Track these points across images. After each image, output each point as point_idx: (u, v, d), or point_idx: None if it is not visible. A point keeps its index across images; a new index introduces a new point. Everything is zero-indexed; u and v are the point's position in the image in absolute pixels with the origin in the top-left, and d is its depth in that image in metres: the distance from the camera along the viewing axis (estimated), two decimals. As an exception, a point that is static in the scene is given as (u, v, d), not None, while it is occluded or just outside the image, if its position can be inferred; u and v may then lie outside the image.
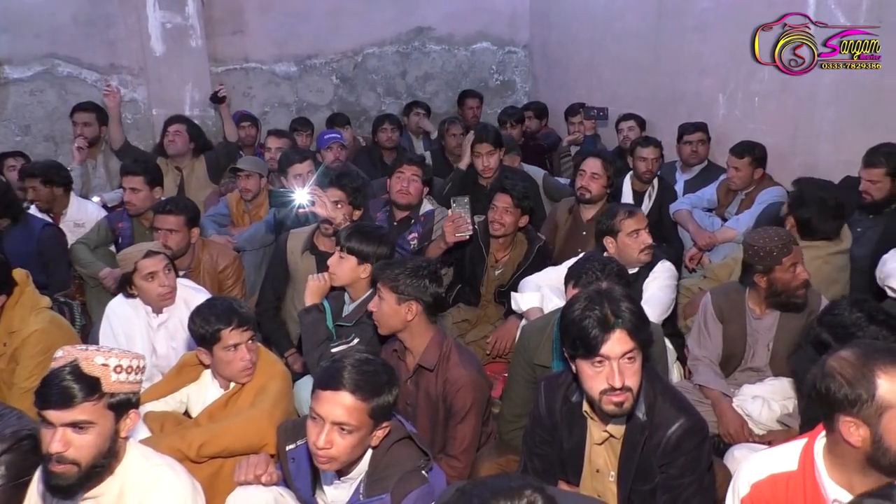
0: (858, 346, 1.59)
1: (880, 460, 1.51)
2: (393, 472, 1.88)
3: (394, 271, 2.50)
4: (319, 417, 1.83)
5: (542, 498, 1.19)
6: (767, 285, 2.80)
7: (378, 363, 1.92)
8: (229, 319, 2.40)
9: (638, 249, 3.14)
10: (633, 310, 1.87)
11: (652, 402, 1.96)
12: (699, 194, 4.50)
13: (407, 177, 3.80)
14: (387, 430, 1.91)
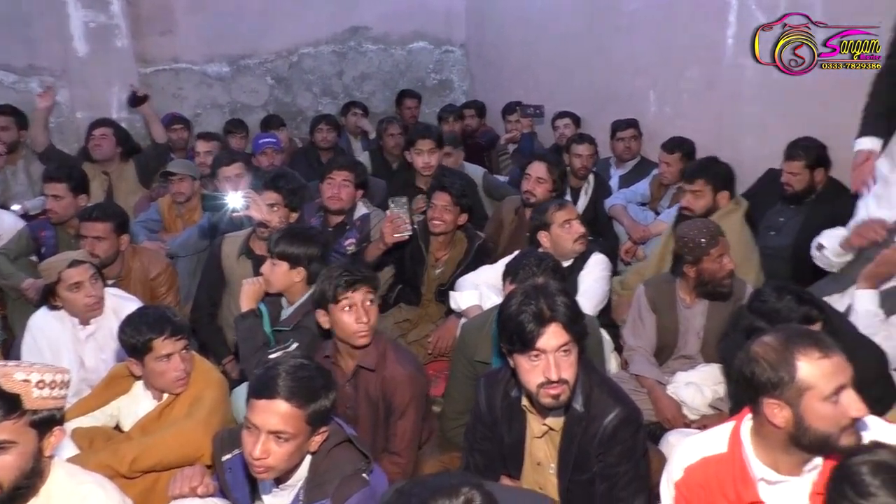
0: (780, 332, 1.66)
1: (801, 439, 1.57)
2: (333, 477, 1.85)
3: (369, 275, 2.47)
4: (255, 427, 1.79)
5: (479, 494, 1.20)
6: (696, 275, 2.89)
7: (313, 368, 1.89)
8: (161, 328, 2.32)
9: (571, 239, 3.20)
10: (567, 303, 1.90)
11: (588, 393, 1.99)
12: (633, 189, 4.61)
13: (337, 182, 3.72)
14: (325, 434, 1.88)
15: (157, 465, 2.26)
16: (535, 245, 3.29)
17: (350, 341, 2.40)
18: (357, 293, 2.37)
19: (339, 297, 2.36)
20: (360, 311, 2.36)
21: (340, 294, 2.36)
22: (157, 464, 2.26)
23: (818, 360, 1.55)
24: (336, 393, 1.90)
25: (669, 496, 1.81)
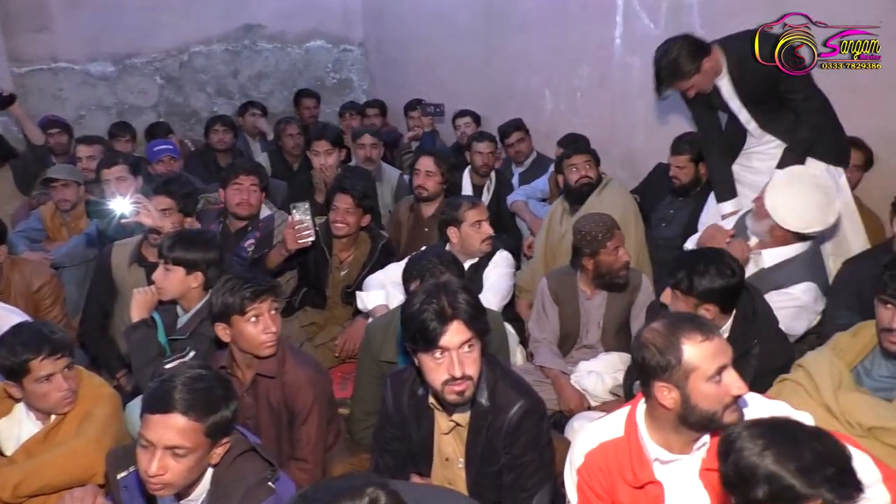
0: (667, 318, 1.75)
1: (689, 418, 1.66)
2: (237, 488, 1.79)
3: (276, 284, 2.39)
4: (150, 443, 1.71)
5: (384, 494, 1.19)
6: (594, 267, 3.00)
7: (212, 378, 1.81)
8: (38, 348, 2.16)
9: (480, 240, 3.24)
10: (468, 300, 1.92)
11: (493, 386, 2.02)
12: (533, 185, 4.72)
13: (246, 188, 3.60)
14: (227, 446, 1.82)
15: (44, 488, 2.13)
16: (444, 239, 3.31)
17: (255, 352, 2.33)
18: (264, 304, 2.31)
19: (245, 309, 2.29)
20: (268, 321, 2.30)
21: (248, 305, 2.29)
22: (43, 487, 2.13)
23: (701, 342, 1.64)
24: (236, 402, 1.84)
25: (572, 482, 1.86)
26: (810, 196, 2.78)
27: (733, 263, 2.39)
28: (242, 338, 2.32)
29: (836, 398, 2.07)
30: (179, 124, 6.53)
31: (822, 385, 2.10)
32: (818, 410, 2.04)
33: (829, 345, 2.28)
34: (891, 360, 2.16)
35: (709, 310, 2.35)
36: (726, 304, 2.39)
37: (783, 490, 1.30)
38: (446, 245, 3.32)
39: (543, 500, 2.01)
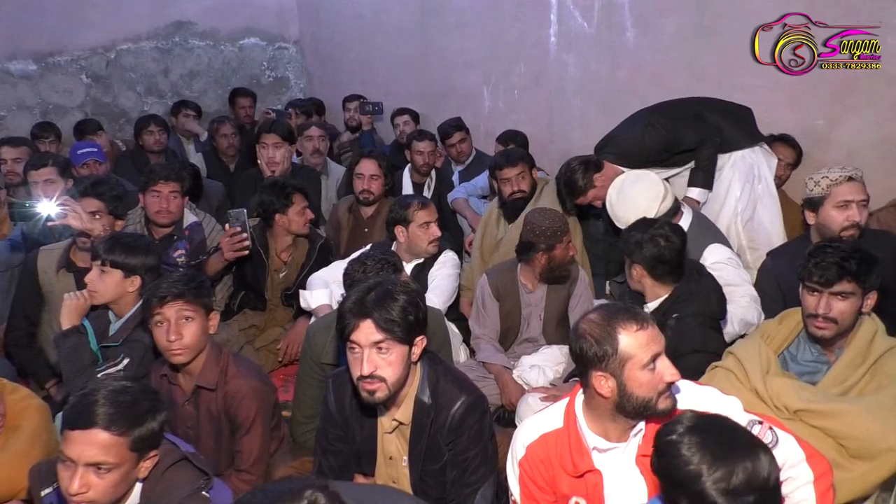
0: (603, 309, 1.79)
1: (626, 406, 1.71)
2: (170, 501, 1.74)
3: (196, 285, 2.29)
4: (70, 461, 1.64)
5: (324, 496, 1.18)
6: (547, 261, 3.04)
7: (136, 390, 1.75)
8: None
9: (427, 241, 3.25)
10: (389, 305, 1.89)
11: (435, 384, 2.03)
12: (473, 183, 4.73)
13: (165, 195, 3.45)
14: (155, 459, 1.76)
15: None
16: (391, 237, 3.31)
17: (166, 358, 2.28)
18: (168, 308, 2.23)
19: (152, 312, 2.24)
20: (172, 327, 2.23)
21: (154, 308, 2.23)
22: None
23: (636, 332, 1.69)
24: (165, 413, 1.78)
25: (515, 475, 1.89)
26: (635, 192, 2.99)
27: (673, 236, 2.53)
28: (156, 342, 2.27)
29: (764, 383, 2.16)
30: (108, 124, 6.29)
31: (752, 371, 2.19)
32: (748, 395, 2.13)
33: (758, 332, 2.38)
34: (814, 345, 2.27)
35: (635, 269, 2.57)
36: (656, 271, 2.53)
37: (705, 497, 1.36)
38: (392, 243, 3.32)
39: (487, 494, 2.03)
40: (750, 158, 3.36)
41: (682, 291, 2.56)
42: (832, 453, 1.96)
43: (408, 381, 2.01)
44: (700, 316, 2.52)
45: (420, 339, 1.99)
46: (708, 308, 2.57)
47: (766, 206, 3.36)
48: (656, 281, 2.58)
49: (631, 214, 2.92)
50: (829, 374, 2.19)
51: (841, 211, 2.67)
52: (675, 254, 2.54)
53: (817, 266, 2.16)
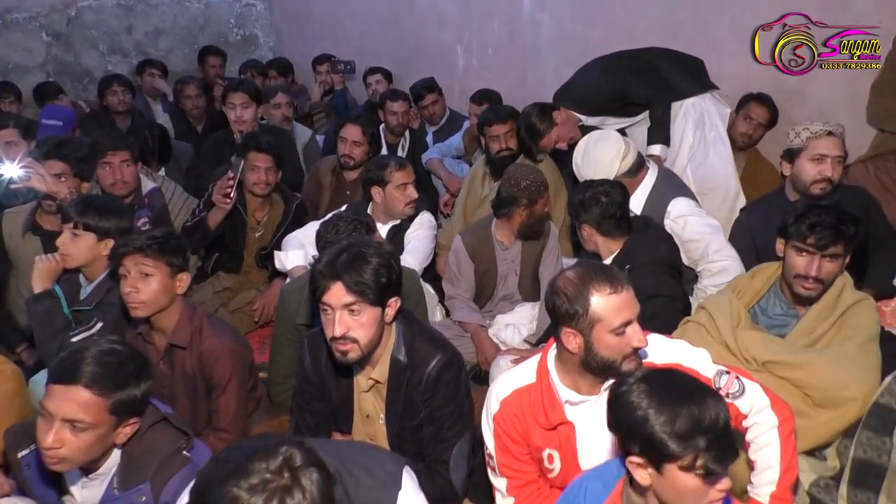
0: (580, 267, 1.80)
1: (590, 363, 1.74)
2: (150, 460, 1.74)
3: (161, 243, 2.27)
4: (49, 414, 1.63)
5: (299, 452, 1.19)
6: (527, 217, 3.05)
7: (125, 354, 1.73)
8: None
9: (404, 202, 3.23)
10: (360, 267, 1.88)
11: (410, 343, 2.05)
12: (447, 143, 4.72)
13: (116, 165, 3.33)
14: (136, 426, 1.75)
15: None
16: (367, 198, 3.28)
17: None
18: (129, 261, 2.24)
19: (118, 265, 2.26)
20: (129, 280, 2.23)
21: (118, 261, 2.26)
22: None
23: (609, 295, 1.70)
24: (150, 382, 1.76)
25: (489, 429, 1.92)
26: (597, 150, 3.02)
27: (612, 191, 2.61)
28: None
29: (734, 336, 2.20)
30: (71, 84, 6.13)
31: (722, 325, 2.24)
32: (718, 348, 2.17)
33: (730, 287, 2.42)
34: (783, 299, 2.32)
35: (584, 229, 2.67)
36: (603, 227, 2.63)
37: (659, 448, 1.39)
38: (368, 204, 3.29)
39: (464, 448, 2.06)
40: (700, 106, 3.45)
41: (631, 243, 2.63)
42: (798, 402, 2.02)
43: (382, 340, 2.02)
44: (651, 264, 2.58)
45: (394, 301, 1.99)
46: (657, 255, 2.63)
47: (717, 153, 3.44)
48: (606, 237, 2.66)
49: (595, 173, 2.97)
50: (798, 327, 2.23)
51: (815, 164, 2.70)
52: (617, 208, 2.62)
53: (813, 229, 2.14)
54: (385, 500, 1.43)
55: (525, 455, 1.90)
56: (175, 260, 2.29)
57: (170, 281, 2.28)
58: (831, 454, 2.07)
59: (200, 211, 3.47)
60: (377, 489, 1.43)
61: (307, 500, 1.15)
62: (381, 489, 1.43)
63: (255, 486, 1.13)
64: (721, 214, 3.29)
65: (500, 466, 1.91)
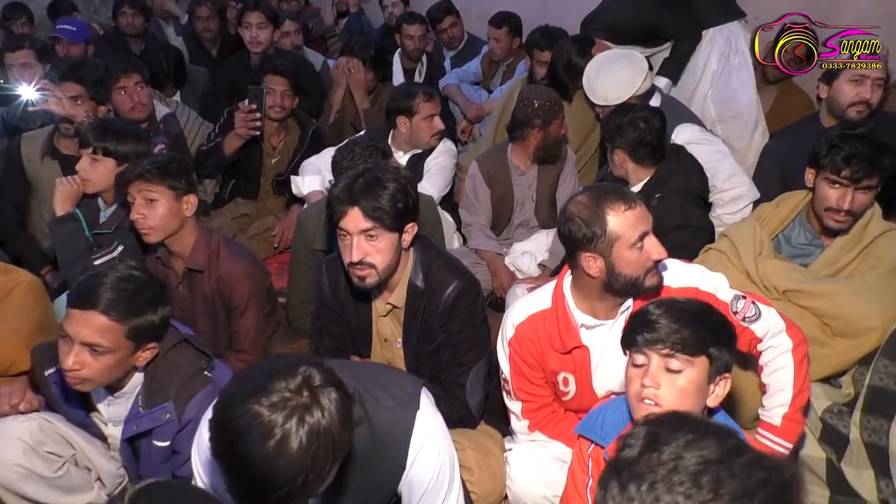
0: (591, 190, 1.79)
1: (614, 284, 1.74)
2: (173, 379, 1.78)
3: (161, 167, 2.25)
4: (69, 337, 1.67)
5: (318, 371, 1.20)
6: (542, 139, 3.01)
7: (142, 280, 1.75)
8: None
9: (430, 134, 3.18)
10: (376, 192, 1.88)
11: (427, 269, 2.05)
12: (465, 69, 4.63)
13: (131, 89, 3.27)
14: (154, 350, 1.78)
15: None
16: (391, 126, 3.25)
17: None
18: (133, 188, 2.24)
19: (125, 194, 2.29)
20: (137, 207, 2.25)
21: (125, 191, 2.28)
22: None
23: (624, 211, 1.69)
24: (169, 308, 1.79)
25: (504, 354, 1.94)
26: (618, 67, 2.97)
27: (652, 118, 2.56)
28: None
29: (755, 264, 2.18)
30: (83, 6, 5.99)
31: (744, 253, 2.21)
32: (739, 276, 2.16)
33: (754, 215, 2.39)
34: (809, 229, 2.28)
35: (617, 153, 2.61)
36: (637, 154, 2.58)
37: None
38: (390, 132, 3.25)
39: (480, 373, 2.09)
40: (727, 31, 3.36)
41: (663, 172, 2.60)
42: (816, 331, 2.02)
43: (399, 266, 2.03)
44: (681, 193, 2.56)
45: (411, 226, 1.99)
46: (688, 185, 2.60)
47: (741, 79, 3.37)
48: (638, 164, 2.62)
49: (612, 90, 2.94)
50: (822, 258, 2.21)
51: (854, 86, 2.62)
52: (654, 135, 2.58)
53: (848, 161, 2.08)
54: (403, 420, 1.45)
55: (539, 379, 1.92)
56: (178, 183, 2.27)
57: (176, 204, 2.27)
58: (846, 381, 2.08)
59: (216, 136, 3.45)
60: (396, 409, 1.45)
61: (326, 419, 1.17)
62: (400, 409, 1.46)
63: (276, 404, 1.15)
64: (741, 143, 3.24)
65: (514, 390, 1.94)
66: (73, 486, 1.84)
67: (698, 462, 0.88)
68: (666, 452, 0.90)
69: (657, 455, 0.90)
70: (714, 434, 0.92)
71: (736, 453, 0.89)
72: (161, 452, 1.80)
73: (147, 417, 1.77)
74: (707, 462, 0.88)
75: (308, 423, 1.15)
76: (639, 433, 0.94)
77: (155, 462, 1.81)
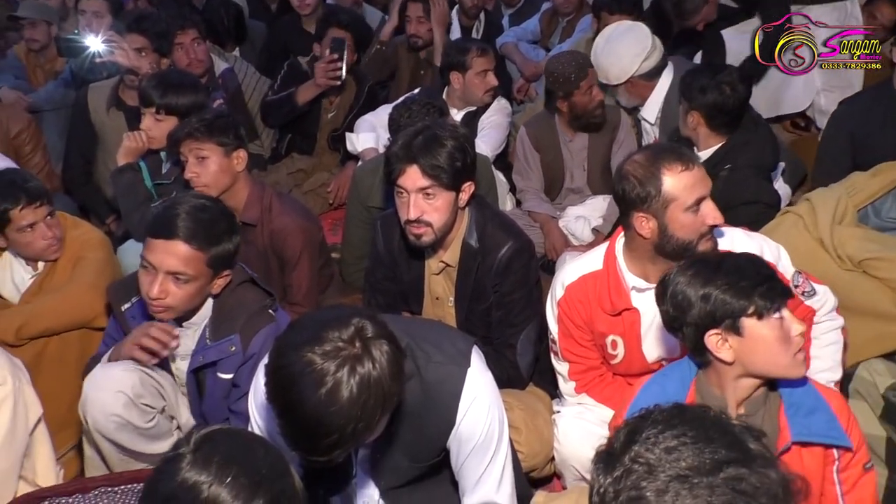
0: (648, 149, 1.76)
1: (665, 247, 1.70)
2: (239, 313, 1.84)
3: (208, 124, 2.29)
4: (152, 266, 1.73)
5: (371, 324, 1.21)
6: (569, 109, 2.95)
7: (215, 210, 1.81)
8: (16, 198, 2.12)
9: (483, 90, 3.15)
10: (436, 150, 1.87)
11: (482, 229, 2.05)
12: (523, 27, 4.55)
13: (188, 45, 3.30)
14: (228, 278, 1.84)
15: (45, 331, 2.18)
16: (445, 82, 3.21)
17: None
18: (184, 147, 2.30)
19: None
20: (190, 166, 2.30)
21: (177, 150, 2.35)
22: (45, 330, 2.18)
23: (680, 172, 1.65)
24: (239, 237, 1.85)
25: (553, 315, 1.93)
26: (622, 44, 2.89)
27: (739, 85, 2.43)
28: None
29: (830, 232, 2.09)
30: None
31: (822, 219, 2.12)
32: (812, 244, 2.09)
33: (844, 182, 2.28)
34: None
35: (692, 115, 2.49)
36: (714, 121, 2.46)
37: (717, 307, 1.37)
38: (445, 89, 3.22)
39: (531, 334, 2.09)
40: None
41: (737, 141, 2.48)
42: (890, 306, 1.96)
43: (455, 225, 2.03)
44: (754, 167, 2.46)
45: (468, 185, 1.98)
46: (762, 159, 2.50)
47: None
48: (712, 131, 2.50)
49: (611, 68, 2.86)
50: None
51: None
52: (737, 104, 2.46)
53: None
54: (454, 376, 1.45)
55: (588, 341, 1.91)
56: (226, 139, 2.30)
57: (226, 160, 2.31)
58: (912, 358, 2.01)
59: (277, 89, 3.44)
60: (447, 365, 1.45)
61: (377, 370, 1.18)
62: (451, 365, 1.46)
63: (328, 353, 1.17)
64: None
65: (562, 351, 1.94)
66: (160, 434, 1.92)
67: (668, 473, 0.90)
68: (643, 455, 0.92)
69: (632, 454, 0.93)
70: (706, 441, 0.91)
71: (714, 468, 0.89)
72: (223, 385, 1.86)
73: (214, 349, 1.84)
74: (676, 477, 0.89)
75: (359, 374, 1.17)
76: (628, 428, 0.97)
77: (217, 396, 1.88)
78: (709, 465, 0.89)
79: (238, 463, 0.99)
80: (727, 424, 0.96)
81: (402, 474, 1.53)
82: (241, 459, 1.00)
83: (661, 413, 0.97)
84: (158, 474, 1.02)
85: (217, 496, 0.96)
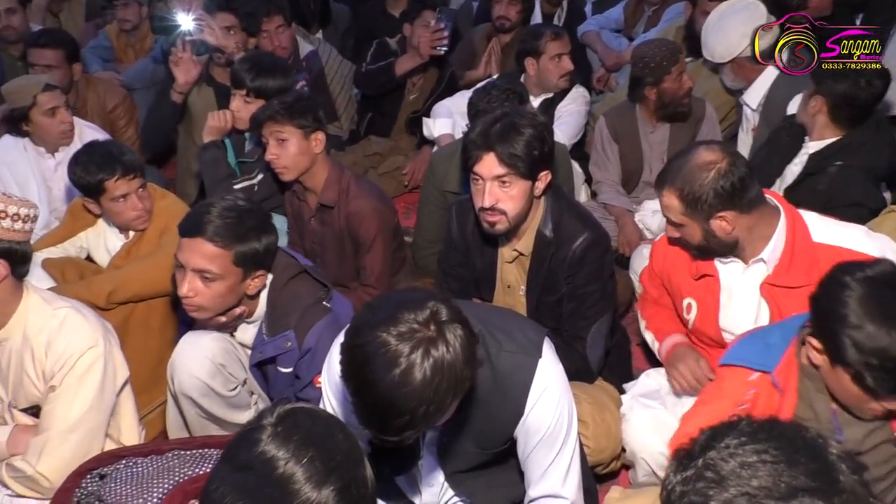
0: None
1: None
2: (293, 308, 1.85)
3: (288, 107, 2.33)
4: (182, 265, 1.76)
5: (445, 308, 1.21)
6: (657, 97, 2.88)
7: (245, 209, 1.80)
8: (112, 168, 2.20)
9: (558, 75, 3.11)
10: (513, 139, 1.85)
11: (558, 219, 2.02)
12: (606, 15, 4.45)
13: (273, 32, 3.37)
14: (264, 279, 1.85)
15: (134, 297, 2.27)
16: (520, 69, 3.19)
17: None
18: (266, 130, 2.35)
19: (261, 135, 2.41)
20: (271, 148, 2.35)
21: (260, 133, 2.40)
22: (134, 296, 2.27)
23: None
24: (273, 237, 1.84)
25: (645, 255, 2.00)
26: (733, 21, 2.81)
27: (877, 80, 2.31)
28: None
29: None
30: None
31: None
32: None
33: None
34: None
35: (816, 99, 2.35)
36: (838, 111, 2.32)
37: (839, 349, 1.31)
38: (521, 75, 3.19)
39: (603, 328, 2.06)
40: None
41: (854, 139, 2.34)
42: None
43: (530, 214, 2.01)
44: (866, 169, 2.32)
45: (544, 174, 1.96)
46: (876, 162, 2.35)
47: None
48: (832, 122, 2.36)
49: (717, 46, 2.77)
50: None
51: None
52: (869, 100, 2.32)
53: None
54: (525, 365, 1.45)
55: (663, 294, 2.04)
56: (305, 121, 2.34)
57: (305, 142, 2.35)
58: None
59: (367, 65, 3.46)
60: (518, 354, 1.45)
61: (450, 354, 1.19)
62: (523, 355, 1.45)
63: (403, 334, 1.18)
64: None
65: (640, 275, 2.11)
66: (240, 404, 1.98)
67: (736, 488, 0.86)
68: (718, 464, 0.88)
69: (707, 459, 0.90)
70: (789, 463, 0.86)
71: (787, 494, 0.83)
72: (285, 378, 1.89)
73: (270, 345, 1.86)
74: (743, 494, 0.85)
75: (433, 356, 1.17)
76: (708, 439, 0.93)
77: (282, 386, 1.91)
78: (783, 489, 0.83)
79: (316, 445, 1.01)
80: (821, 449, 0.89)
81: (468, 459, 1.54)
82: (319, 442, 1.02)
83: (750, 424, 0.93)
84: (239, 440, 1.04)
85: (292, 475, 0.98)
